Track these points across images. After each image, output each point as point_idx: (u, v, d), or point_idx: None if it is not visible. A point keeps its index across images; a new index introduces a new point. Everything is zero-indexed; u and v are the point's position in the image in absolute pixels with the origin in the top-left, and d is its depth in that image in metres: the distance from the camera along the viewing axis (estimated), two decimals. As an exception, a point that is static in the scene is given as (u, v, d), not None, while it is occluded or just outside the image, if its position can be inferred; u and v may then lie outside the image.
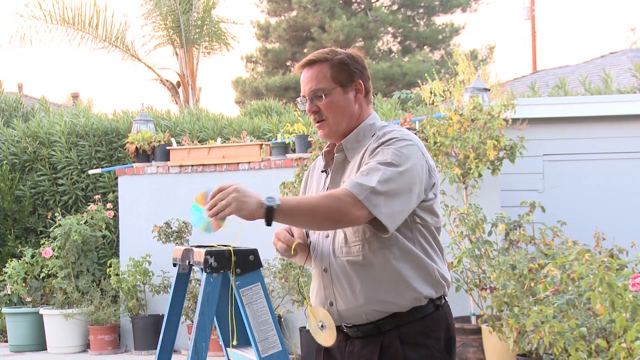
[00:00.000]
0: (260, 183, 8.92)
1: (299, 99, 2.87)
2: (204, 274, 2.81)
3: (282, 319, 8.54)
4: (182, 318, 8.33)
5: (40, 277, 9.78)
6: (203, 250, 2.82)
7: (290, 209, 2.55)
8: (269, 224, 2.58)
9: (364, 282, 2.69)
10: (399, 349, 2.68)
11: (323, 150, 2.92)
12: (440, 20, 27.77)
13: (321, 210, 2.55)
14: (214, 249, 2.85)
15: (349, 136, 2.81)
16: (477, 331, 7.22)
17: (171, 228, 8.91)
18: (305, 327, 8.00)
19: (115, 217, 10.00)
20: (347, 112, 2.80)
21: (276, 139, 9.41)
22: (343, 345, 2.80)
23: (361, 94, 2.83)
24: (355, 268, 2.70)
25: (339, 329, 2.80)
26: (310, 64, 2.81)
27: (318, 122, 2.82)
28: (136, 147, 9.51)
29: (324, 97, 2.78)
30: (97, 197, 9.94)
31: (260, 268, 2.86)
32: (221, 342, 3.14)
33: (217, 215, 2.56)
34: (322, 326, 2.76)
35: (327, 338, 2.75)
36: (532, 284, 6.21)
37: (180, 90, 15.89)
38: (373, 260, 2.68)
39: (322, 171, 2.90)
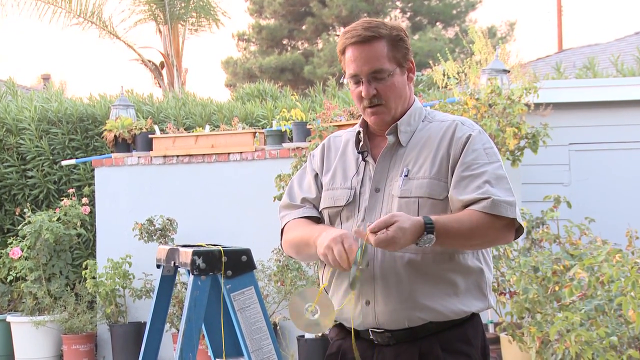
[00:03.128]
0: (254, 175, 8.92)
1: (345, 80, 2.87)
2: (191, 277, 2.81)
3: (278, 327, 8.55)
4: (167, 326, 8.33)
5: (8, 280, 9.79)
6: (190, 250, 2.83)
7: (444, 238, 2.62)
8: None
9: (414, 284, 2.72)
10: (440, 357, 2.73)
11: (355, 130, 2.93)
12: (454, -7, 27.76)
13: (477, 238, 2.67)
14: (202, 248, 2.85)
15: (404, 118, 2.85)
16: (496, 341, 7.24)
17: (154, 225, 8.91)
18: (304, 336, 8.01)
19: (92, 214, 10.01)
20: (403, 95, 2.86)
21: (271, 127, 9.41)
22: (369, 354, 2.80)
23: (413, 74, 2.90)
24: (408, 267, 2.72)
25: (361, 335, 2.80)
26: (367, 40, 2.79)
27: (374, 106, 2.82)
28: (115, 136, 9.50)
29: (386, 78, 2.80)
30: (71, 191, 9.94)
31: (254, 270, 2.86)
32: (210, 353, 3.14)
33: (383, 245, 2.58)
34: (311, 312, 2.72)
35: (324, 322, 2.71)
36: (557, 288, 6.21)
37: (164, 72, 15.88)
38: (431, 262, 2.72)
39: (359, 152, 2.89)
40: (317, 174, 2.98)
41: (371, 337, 2.79)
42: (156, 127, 9.56)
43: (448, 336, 2.75)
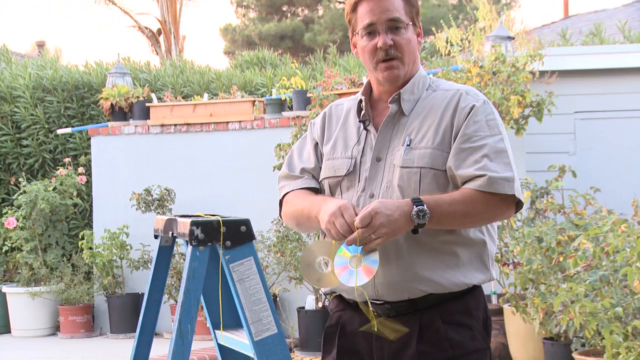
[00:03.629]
0: (253, 145, 8.92)
1: (359, 31, 2.82)
2: (190, 247, 2.81)
3: (278, 299, 8.58)
4: (165, 297, 8.36)
5: (3, 250, 9.81)
6: (188, 221, 2.82)
7: (439, 219, 2.64)
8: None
9: (416, 257, 2.72)
10: (441, 329, 2.74)
11: (357, 98, 2.91)
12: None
13: (474, 217, 2.68)
14: (200, 218, 2.85)
15: (407, 86, 2.83)
16: (499, 312, 7.26)
17: (152, 196, 8.92)
18: (303, 308, 8.04)
19: (88, 183, 10.01)
20: (415, 56, 2.84)
21: (271, 95, 9.39)
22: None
23: (421, 38, 2.88)
24: (408, 239, 2.71)
25: (361, 306, 2.80)
26: None
27: (389, 59, 2.78)
28: (111, 104, 9.49)
29: (402, 31, 2.79)
30: (67, 160, 9.94)
31: (253, 240, 2.86)
32: (209, 324, 3.15)
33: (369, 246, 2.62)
34: (323, 264, 2.72)
35: (334, 277, 2.70)
36: (561, 259, 6.23)
37: (161, 38, 15.83)
38: (431, 234, 2.71)
39: (361, 121, 2.87)
40: (317, 143, 2.96)
41: (371, 308, 2.79)
42: (153, 96, 9.54)
43: (449, 308, 2.75)
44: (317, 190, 2.91)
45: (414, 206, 2.60)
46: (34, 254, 9.51)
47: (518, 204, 2.74)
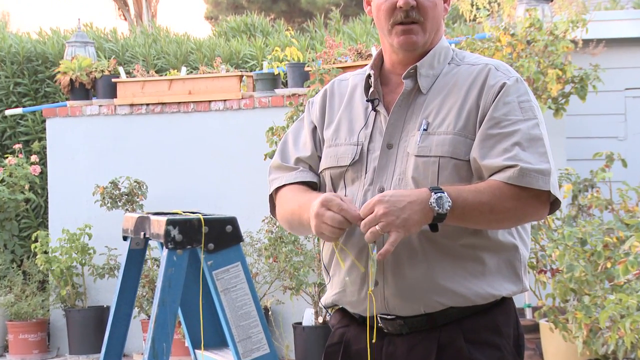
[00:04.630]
0: (240, 128, 8.93)
1: None
2: (165, 251, 2.83)
3: (270, 312, 8.60)
4: (135, 311, 8.38)
5: (-58, 255, 9.83)
6: (164, 219, 2.84)
7: (462, 212, 2.63)
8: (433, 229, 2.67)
9: (432, 262, 2.71)
10: (464, 349, 2.73)
11: (365, 72, 2.91)
12: None
13: (502, 214, 2.67)
14: (178, 216, 2.86)
15: (426, 58, 2.83)
16: (534, 328, 7.28)
17: (119, 189, 8.92)
18: (301, 323, 8.05)
19: (43, 175, 10.02)
20: (438, 24, 2.85)
21: (261, 69, 9.39)
22: (378, 346, 2.80)
23: (448, 5, 2.89)
24: (424, 241, 2.70)
25: (371, 323, 2.81)
26: None
27: (408, 23, 2.79)
28: (71, 79, 9.49)
29: None
30: (17, 146, 9.94)
31: (241, 243, 2.88)
32: (188, 343, 3.17)
33: (387, 252, 2.61)
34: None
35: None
36: (609, 265, 6.24)
37: (130, 1, 15.82)
38: (452, 235, 2.70)
39: (368, 100, 2.87)
40: (315, 127, 2.95)
41: (380, 324, 2.79)
42: (121, 69, 9.54)
43: (473, 324, 2.75)
44: (315, 185, 2.91)
45: (432, 193, 2.59)
46: (-22, 259, 9.54)
47: (554, 203, 2.73)
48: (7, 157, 9.87)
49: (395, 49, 2.83)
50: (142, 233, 3.02)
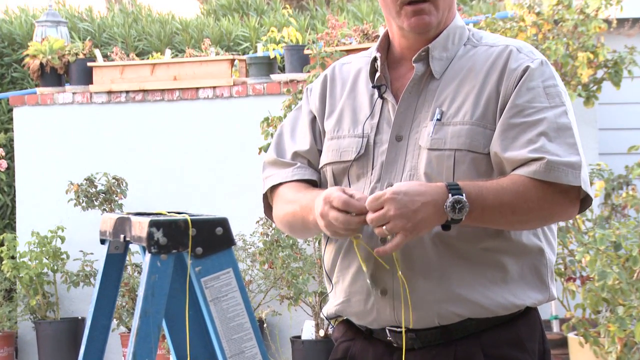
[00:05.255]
0: (232, 118, 8.93)
1: None
2: (148, 256, 2.83)
3: (266, 325, 8.60)
4: (114, 323, 8.39)
5: None
6: (146, 220, 2.84)
7: (481, 214, 2.62)
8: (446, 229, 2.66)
9: (447, 268, 2.71)
10: None
11: (370, 55, 2.91)
12: None
13: (526, 214, 2.67)
14: (162, 217, 2.87)
15: (438, 39, 2.83)
16: (562, 343, 7.29)
17: (96, 187, 8.93)
18: (300, 337, 8.06)
19: (10, 170, 10.03)
20: (450, 2, 2.85)
21: (255, 52, 9.40)
22: None
23: None
24: (438, 244, 2.71)
25: (376, 335, 2.82)
26: None
27: (421, 2, 2.78)
28: (41, 63, 9.49)
29: None
30: (-19, 139, 9.96)
31: (233, 247, 2.88)
32: (173, 358, 3.17)
33: (385, 251, 2.62)
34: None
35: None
36: (646, 272, 6.25)
37: (107, -25, 15.84)
38: (470, 237, 2.71)
39: (374, 87, 2.87)
40: (315, 117, 2.96)
41: (389, 338, 2.80)
42: (98, 52, 9.55)
43: (493, 338, 2.75)
44: (315, 183, 2.90)
45: (450, 194, 2.58)
46: (-62, 265, 9.55)
47: (585, 200, 2.73)
48: (-31, 151, 9.88)
49: (406, 32, 2.83)
50: (122, 236, 3.03)
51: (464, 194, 2.57)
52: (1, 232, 9.89)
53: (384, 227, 2.55)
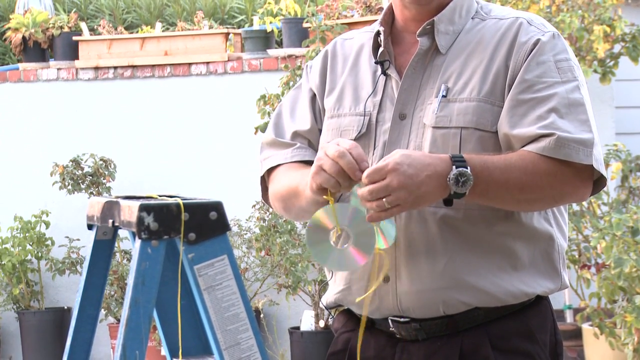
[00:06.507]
0: (227, 96, 8.93)
1: None
2: (138, 242, 2.84)
3: (263, 315, 8.62)
4: (102, 313, 8.40)
5: None
6: (136, 204, 2.85)
7: (485, 189, 2.61)
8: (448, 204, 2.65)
9: (453, 253, 2.70)
10: (491, 358, 2.73)
11: (373, 29, 2.90)
12: None
13: (534, 192, 2.65)
14: (153, 201, 2.88)
15: (444, 12, 2.82)
16: (576, 334, 7.30)
17: (82, 169, 8.93)
18: (298, 328, 8.08)
19: (-9, 151, 10.04)
20: None
21: (251, 25, 9.39)
22: (389, 353, 2.82)
23: None
24: (444, 228, 2.70)
25: (377, 326, 2.82)
26: None
27: None
28: (23, 37, 9.49)
29: None
30: (-39, 118, 9.96)
31: (228, 232, 2.89)
32: (165, 351, 3.19)
33: (379, 217, 2.58)
34: (340, 237, 2.66)
35: (362, 250, 2.68)
36: (665, 259, 6.26)
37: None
38: (477, 221, 2.71)
39: (377, 62, 2.86)
40: (315, 94, 2.96)
41: (391, 328, 2.80)
42: (84, 26, 9.54)
43: (502, 328, 2.75)
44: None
45: (454, 166, 2.56)
46: None
47: (599, 181, 2.72)
48: (-52, 131, 9.88)
49: (407, 2, 2.82)
50: (110, 221, 3.03)
51: (468, 167, 2.56)
52: (-18, 217, 9.90)
53: (384, 200, 2.53)
